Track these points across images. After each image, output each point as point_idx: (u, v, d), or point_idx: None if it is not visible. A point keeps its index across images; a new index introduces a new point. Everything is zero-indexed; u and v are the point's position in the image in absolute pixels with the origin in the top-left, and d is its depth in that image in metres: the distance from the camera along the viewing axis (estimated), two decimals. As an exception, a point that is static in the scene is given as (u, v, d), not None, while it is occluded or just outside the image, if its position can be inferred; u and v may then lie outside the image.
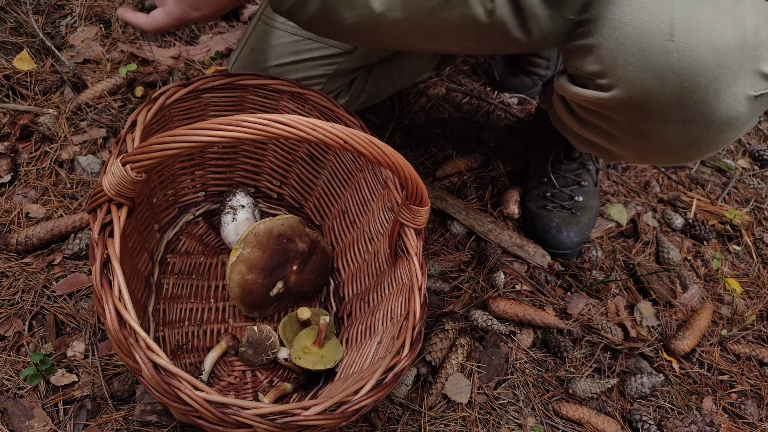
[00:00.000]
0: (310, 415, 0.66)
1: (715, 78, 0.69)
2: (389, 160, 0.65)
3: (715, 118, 0.73)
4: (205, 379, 0.91)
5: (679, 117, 0.74)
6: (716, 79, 0.69)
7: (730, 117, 0.72)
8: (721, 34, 0.68)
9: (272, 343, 0.94)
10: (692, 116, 0.73)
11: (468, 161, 1.38)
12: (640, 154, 0.88)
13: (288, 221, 0.99)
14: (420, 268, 0.82)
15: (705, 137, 0.76)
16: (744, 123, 0.74)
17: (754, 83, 0.71)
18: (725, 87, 0.70)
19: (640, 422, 1.01)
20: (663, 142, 0.80)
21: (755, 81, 0.70)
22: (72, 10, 1.49)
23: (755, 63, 0.69)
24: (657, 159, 0.87)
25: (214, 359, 0.93)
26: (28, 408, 0.88)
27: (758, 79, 0.71)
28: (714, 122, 0.73)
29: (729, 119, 0.73)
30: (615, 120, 0.82)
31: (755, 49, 0.69)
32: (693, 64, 0.69)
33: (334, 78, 1.12)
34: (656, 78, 0.71)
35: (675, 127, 0.76)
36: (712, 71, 0.69)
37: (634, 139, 0.83)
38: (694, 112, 0.73)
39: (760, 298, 1.27)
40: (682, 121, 0.74)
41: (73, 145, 1.22)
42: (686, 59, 0.69)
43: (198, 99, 0.93)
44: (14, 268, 1.03)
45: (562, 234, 1.22)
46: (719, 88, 0.70)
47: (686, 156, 0.83)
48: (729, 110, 0.72)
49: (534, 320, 1.11)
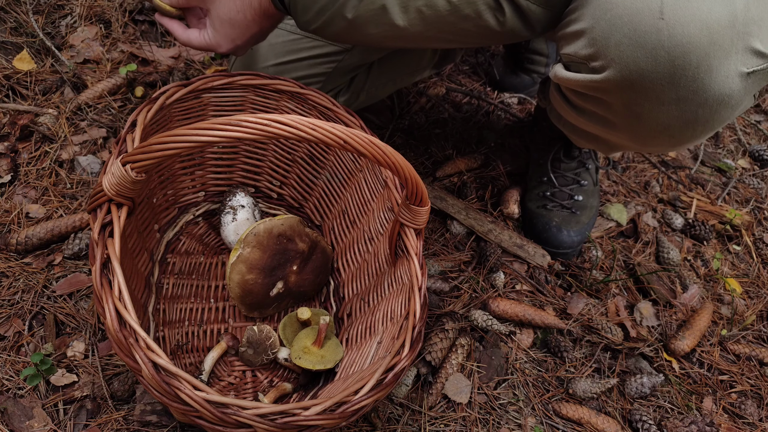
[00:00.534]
0: (310, 415, 0.66)
1: (706, 55, 0.69)
2: (389, 160, 0.65)
3: (708, 95, 0.73)
4: (205, 379, 0.91)
5: (673, 96, 0.74)
6: (707, 56, 0.69)
7: (723, 95, 0.72)
8: (711, 11, 0.68)
9: (272, 343, 0.94)
10: (685, 95, 0.73)
11: (468, 161, 1.38)
12: (637, 139, 0.88)
13: (288, 221, 1.00)
14: (420, 268, 0.82)
15: (700, 116, 0.76)
16: (738, 101, 0.74)
17: (746, 60, 0.70)
18: (717, 64, 0.70)
19: (640, 422, 1.01)
20: (658, 123, 0.80)
21: (747, 58, 0.70)
22: (72, 10, 1.49)
23: (746, 39, 0.69)
24: (654, 143, 0.87)
25: (214, 359, 0.93)
26: (28, 408, 0.88)
27: (750, 55, 0.70)
28: (707, 100, 0.73)
29: (722, 97, 0.73)
30: (610, 104, 0.82)
31: (746, 25, 0.69)
32: (683, 42, 0.69)
33: (334, 76, 1.12)
34: (648, 56, 0.71)
35: (669, 107, 0.76)
36: (703, 48, 0.69)
37: (630, 123, 0.83)
38: (687, 91, 0.73)
39: (760, 298, 1.27)
40: (675, 101, 0.74)
41: (73, 145, 1.22)
42: (676, 36, 0.69)
43: (198, 99, 0.93)
44: (14, 268, 1.03)
45: (562, 233, 1.23)
46: (711, 65, 0.70)
47: (683, 138, 0.83)
48: (722, 88, 0.71)
49: (534, 320, 1.11)
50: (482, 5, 0.77)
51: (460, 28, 0.79)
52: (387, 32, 0.78)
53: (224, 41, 0.87)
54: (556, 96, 0.97)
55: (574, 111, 0.93)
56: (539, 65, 1.56)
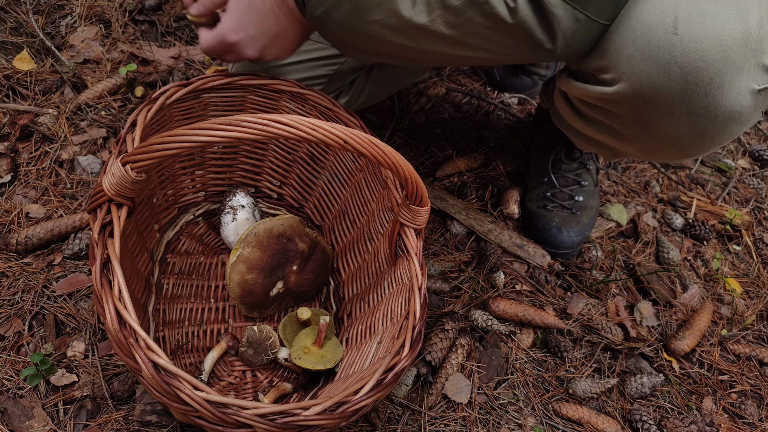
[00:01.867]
0: (310, 415, 0.66)
1: (719, 71, 0.69)
2: (389, 160, 0.65)
3: (719, 111, 0.72)
4: (205, 379, 0.91)
5: (684, 110, 0.74)
6: (720, 73, 0.69)
7: (734, 111, 0.72)
8: (725, 27, 0.68)
9: (272, 343, 0.94)
10: (696, 109, 0.73)
11: (468, 161, 1.38)
12: (644, 150, 0.88)
13: (288, 221, 0.99)
14: (420, 268, 0.82)
15: (709, 130, 0.76)
16: (748, 117, 0.74)
17: (758, 77, 0.70)
18: (729, 80, 0.70)
19: (640, 422, 1.01)
20: (668, 135, 0.80)
21: (759, 75, 0.70)
22: (72, 10, 1.49)
23: (759, 56, 0.69)
24: (661, 154, 0.87)
25: (214, 359, 0.93)
26: (28, 408, 0.88)
27: (762, 72, 0.70)
28: (718, 115, 0.73)
29: (733, 113, 0.73)
30: (618, 115, 0.82)
31: (759, 42, 0.69)
32: (697, 58, 0.69)
33: (335, 78, 1.12)
34: (661, 72, 0.71)
35: (679, 120, 0.76)
36: (716, 64, 0.69)
37: (639, 133, 0.83)
38: (698, 106, 0.73)
39: (760, 298, 1.27)
40: (686, 114, 0.74)
41: (73, 145, 1.22)
42: (690, 53, 0.69)
43: (198, 99, 0.93)
44: (14, 268, 1.03)
45: (562, 234, 1.23)
46: (723, 81, 0.70)
47: (691, 150, 0.83)
48: (733, 104, 0.72)
49: (534, 320, 1.11)
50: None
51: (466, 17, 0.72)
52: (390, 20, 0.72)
53: (235, 26, 0.81)
54: (561, 102, 0.97)
55: (580, 119, 0.93)
56: (540, 67, 1.56)
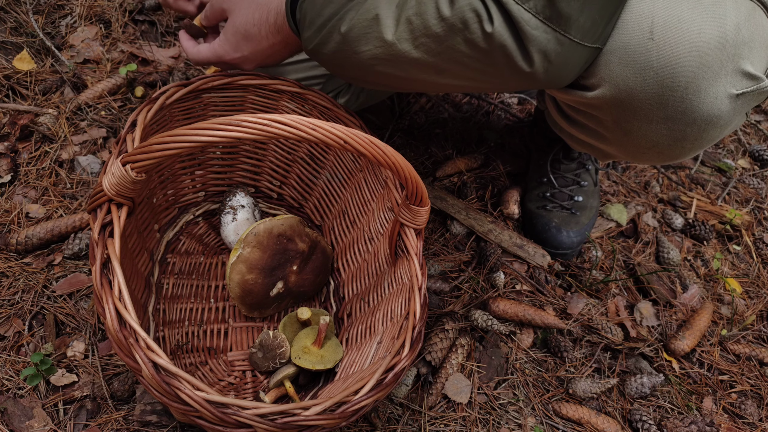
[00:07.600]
0: (310, 415, 0.66)
1: (695, 76, 0.69)
2: (389, 160, 0.65)
3: (696, 116, 0.72)
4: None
5: (661, 115, 0.74)
6: (696, 78, 0.69)
7: (711, 115, 0.72)
8: (701, 32, 0.68)
9: (282, 352, 0.93)
10: (674, 114, 0.73)
11: (468, 161, 1.38)
12: (627, 153, 0.89)
13: (288, 221, 0.99)
14: (420, 268, 0.82)
15: (688, 135, 0.76)
16: (727, 121, 0.74)
17: (736, 82, 0.70)
18: (705, 85, 0.69)
19: (640, 422, 1.01)
20: (647, 140, 0.80)
21: (737, 79, 0.70)
22: (72, 10, 1.49)
23: (736, 61, 0.69)
24: (644, 158, 0.88)
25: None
26: (28, 408, 0.88)
27: (740, 77, 0.70)
28: (696, 120, 0.73)
29: (711, 117, 0.72)
30: (601, 119, 0.82)
31: (736, 47, 0.68)
32: (672, 62, 0.69)
33: (334, 78, 1.12)
34: (637, 76, 0.71)
35: (658, 126, 0.76)
36: (692, 69, 0.68)
37: (620, 138, 0.83)
38: (675, 111, 0.72)
39: (760, 298, 1.27)
40: (664, 119, 0.74)
41: (73, 145, 1.22)
42: (665, 57, 0.69)
43: (198, 99, 0.93)
44: (14, 268, 1.03)
45: (562, 234, 1.23)
46: (699, 86, 0.69)
47: (672, 154, 0.83)
48: (710, 109, 0.71)
49: (534, 320, 1.11)
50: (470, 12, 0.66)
51: (448, 45, 0.70)
52: (377, 49, 0.74)
53: (231, 50, 0.88)
54: (551, 105, 0.98)
55: (567, 121, 0.94)
56: None
